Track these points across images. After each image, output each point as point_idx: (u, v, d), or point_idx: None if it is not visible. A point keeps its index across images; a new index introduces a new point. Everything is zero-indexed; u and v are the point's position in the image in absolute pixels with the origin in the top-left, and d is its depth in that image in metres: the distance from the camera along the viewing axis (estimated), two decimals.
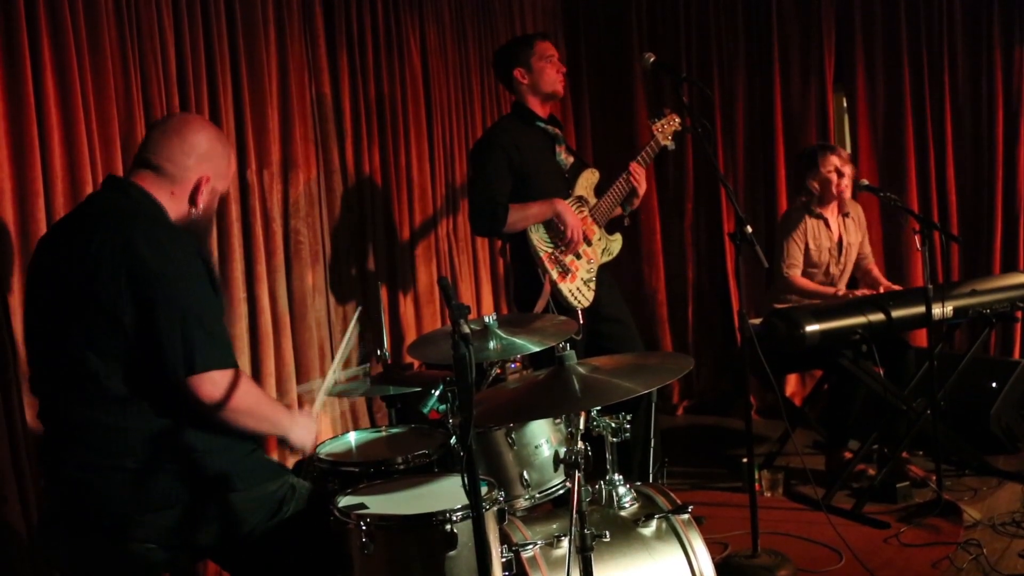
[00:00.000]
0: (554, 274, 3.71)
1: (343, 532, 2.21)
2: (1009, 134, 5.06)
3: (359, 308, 3.33)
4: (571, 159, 3.97)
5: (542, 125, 3.92)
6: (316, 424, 2.55)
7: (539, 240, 3.73)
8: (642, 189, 3.94)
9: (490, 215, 3.70)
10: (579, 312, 3.72)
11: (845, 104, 5.55)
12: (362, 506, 2.26)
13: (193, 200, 2.40)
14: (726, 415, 5.64)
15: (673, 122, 4.01)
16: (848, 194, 4.43)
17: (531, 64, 3.86)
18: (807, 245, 4.45)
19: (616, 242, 4.01)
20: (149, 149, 2.37)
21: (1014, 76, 5.02)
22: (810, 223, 4.46)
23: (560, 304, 3.70)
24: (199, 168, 2.39)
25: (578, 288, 3.77)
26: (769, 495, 4.17)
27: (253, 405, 2.28)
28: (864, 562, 3.37)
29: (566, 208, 3.74)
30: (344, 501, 2.32)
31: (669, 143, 3.98)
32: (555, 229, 3.75)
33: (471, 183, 3.88)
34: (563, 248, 3.75)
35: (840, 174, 4.37)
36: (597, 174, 3.99)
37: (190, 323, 2.16)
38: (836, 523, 3.59)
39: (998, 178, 5.08)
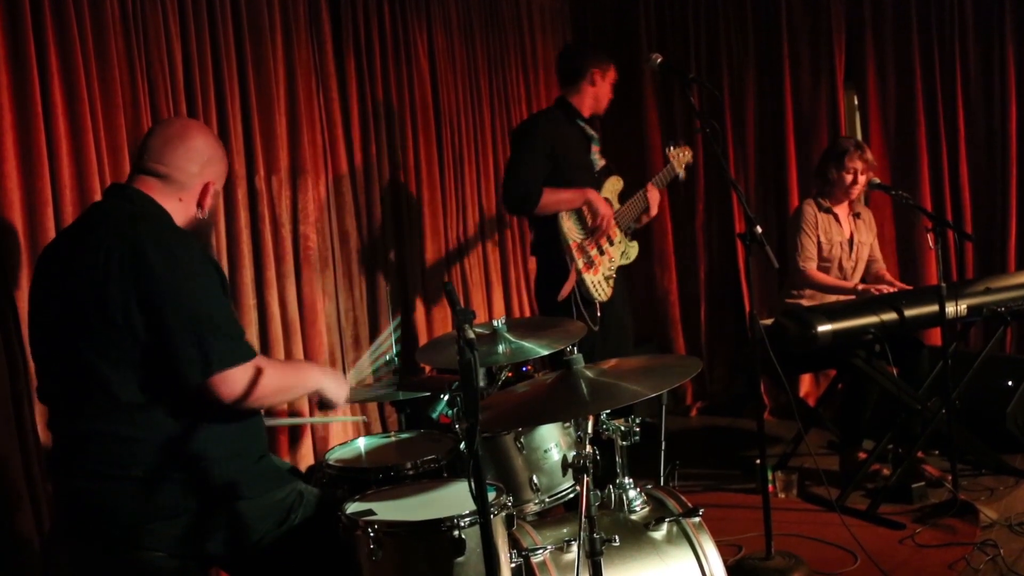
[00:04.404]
0: (580, 263, 3.84)
1: (351, 539, 2.20)
2: (1022, 130, 5.01)
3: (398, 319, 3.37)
4: (603, 161, 4.17)
5: (582, 124, 4.11)
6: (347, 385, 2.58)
7: (569, 228, 3.86)
8: (654, 210, 4.16)
9: (524, 193, 3.83)
10: (597, 305, 3.86)
11: (856, 102, 5.52)
12: (370, 512, 2.26)
13: (200, 204, 2.43)
14: (740, 416, 5.61)
15: (686, 154, 4.29)
16: (855, 195, 4.42)
17: (605, 77, 4.12)
18: (818, 239, 4.43)
19: (634, 248, 4.16)
20: (152, 158, 2.37)
21: None
22: (820, 217, 4.44)
23: (582, 294, 3.84)
24: (204, 174, 2.41)
25: (599, 282, 3.91)
26: (783, 496, 4.15)
27: (277, 385, 2.28)
28: (879, 563, 3.34)
29: (597, 197, 3.90)
30: (352, 507, 2.31)
31: (681, 172, 4.25)
32: (584, 220, 3.90)
33: (510, 161, 4.04)
34: (590, 236, 3.90)
35: (856, 179, 4.36)
36: (622, 182, 4.16)
37: (201, 326, 2.16)
38: (851, 524, 3.57)
39: (1012, 175, 5.03)
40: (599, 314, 3.83)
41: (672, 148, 4.27)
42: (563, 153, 3.94)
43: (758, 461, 3.67)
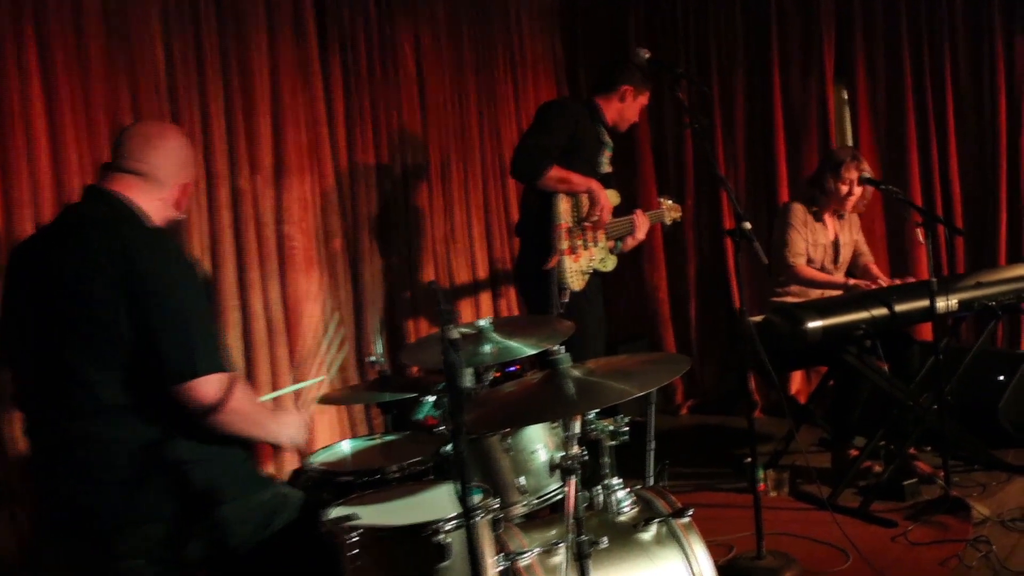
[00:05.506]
0: (564, 245, 3.86)
1: (334, 544, 2.17)
2: (1012, 124, 5.00)
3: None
4: (609, 169, 4.19)
5: (601, 128, 4.15)
6: (307, 415, 2.52)
7: (564, 210, 3.88)
8: (639, 234, 4.16)
9: (537, 161, 3.82)
10: (567, 292, 3.88)
11: (846, 97, 5.50)
12: (353, 516, 2.22)
13: (177, 204, 2.44)
14: (730, 414, 5.58)
15: (676, 211, 4.48)
16: (851, 206, 4.41)
17: (636, 99, 4.14)
18: (805, 239, 4.41)
19: (612, 261, 4.16)
20: (132, 157, 2.36)
21: (1016, 66, 4.96)
22: (808, 218, 4.43)
23: (558, 277, 3.86)
24: (181, 174, 2.43)
25: (576, 270, 3.91)
26: (774, 495, 4.12)
27: (249, 408, 2.26)
28: (871, 562, 3.32)
29: (601, 189, 3.92)
30: (335, 511, 2.28)
31: (667, 222, 4.46)
32: (579, 209, 3.92)
33: (532, 128, 4.02)
34: (580, 224, 3.92)
35: (852, 190, 4.34)
36: (619, 198, 4.16)
37: (189, 327, 2.16)
38: (843, 522, 3.54)
39: (1002, 169, 5.02)
40: (566, 300, 3.88)
41: (665, 199, 4.47)
42: (580, 142, 3.98)
43: (748, 460, 3.65)
